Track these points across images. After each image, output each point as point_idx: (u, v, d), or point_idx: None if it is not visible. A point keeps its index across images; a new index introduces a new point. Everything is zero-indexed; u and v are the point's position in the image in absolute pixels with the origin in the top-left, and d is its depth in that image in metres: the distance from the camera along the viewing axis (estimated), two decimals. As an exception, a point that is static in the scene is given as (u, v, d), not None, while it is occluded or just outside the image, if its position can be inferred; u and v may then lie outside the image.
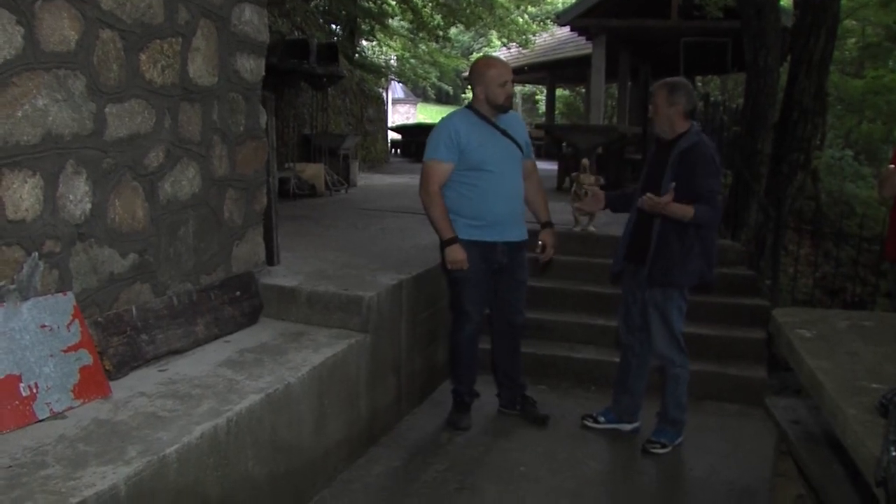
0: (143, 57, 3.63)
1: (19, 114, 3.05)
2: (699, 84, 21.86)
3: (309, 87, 12.76)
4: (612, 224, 6.85)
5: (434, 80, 29.74)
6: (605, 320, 6.01)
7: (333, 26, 17.61)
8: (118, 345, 3.48)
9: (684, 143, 4.23)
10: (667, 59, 16.48)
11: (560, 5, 25.70)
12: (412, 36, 21.96)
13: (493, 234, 4.48)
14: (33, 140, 3.11)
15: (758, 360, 5.74)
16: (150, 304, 3.74)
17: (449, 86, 40.06)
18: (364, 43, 21.78)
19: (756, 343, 5.79)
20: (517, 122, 4.71)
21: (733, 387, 5.47)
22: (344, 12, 16.94)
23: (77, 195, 3.34)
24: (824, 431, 2.96)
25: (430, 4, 17.84)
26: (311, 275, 4.86)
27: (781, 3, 10.95)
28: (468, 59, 28.36)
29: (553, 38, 22.29)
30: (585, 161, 8.34)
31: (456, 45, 30.18)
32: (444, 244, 4.44)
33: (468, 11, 16.05)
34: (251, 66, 4.40)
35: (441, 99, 48.34)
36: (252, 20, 4.37)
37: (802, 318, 3.11)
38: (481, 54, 28.10)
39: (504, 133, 4.49)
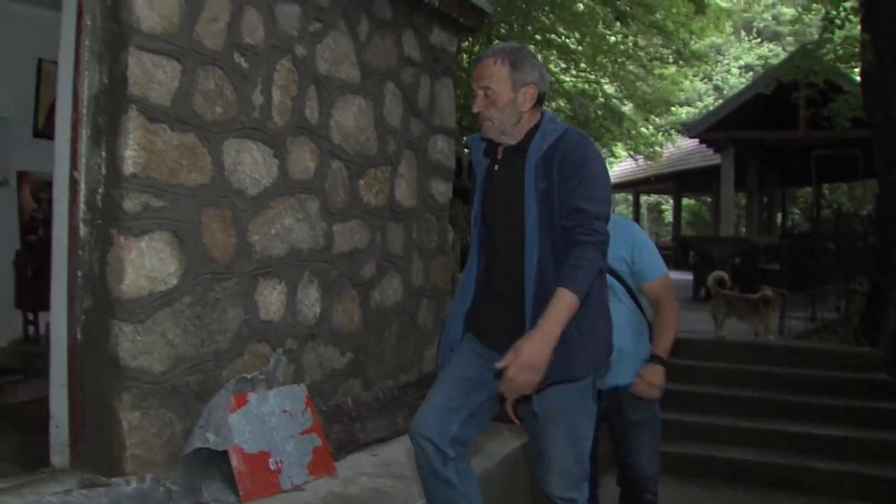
0: (361, 183, 4.27)
1: (272, 231, 3.68)
2: (825, 191, 21.80)
3: (460, 201, 13.48)
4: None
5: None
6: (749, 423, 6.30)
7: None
8: (338, 431, 4.00)
9: (545, 142, 2.78)
10: (794, 167, 16.67)
11: (683, 115, 26.17)
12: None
13: None
14: (281, 254, 3.74)
15: None
16: (361, 396, 4.28)
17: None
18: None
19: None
20: (616, 230, 3.10)
21: (869, 486, 5.62)
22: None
23: (310, 301, 3.94)
24: None
25: (560, 119, 18.53)
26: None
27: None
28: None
29: (678, 149, 22.71)
30: (723, 274, 8.67)
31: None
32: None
33: (597, 125, 16.62)
34: (442, 190, 5.04)
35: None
36: (443, 149, 5.03)
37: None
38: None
39: None
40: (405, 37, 4.71)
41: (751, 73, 29.11)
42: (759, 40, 30.91)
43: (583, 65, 15.45)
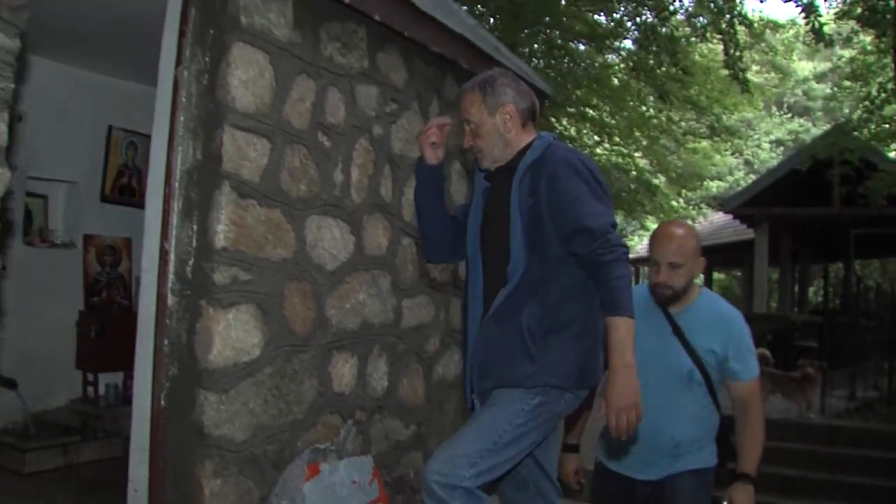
0: (429, 259, 4.39)
1: (347, 306, 3.79)
2: (857, 267, 21.75)
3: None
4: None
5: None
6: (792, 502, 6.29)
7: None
8: (401, 502, 4.05)
9: (530, 156, 2.74)
10: (829, 243, 16.66)
11: (714, 189, 26.26)
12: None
13: (625, 465, 3.20)
14: (354, 327, 3.84)
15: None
16: (422, 469, 4.31)
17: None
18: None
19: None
20: (715, 321, 3.09)
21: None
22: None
23: (379, 374, 4.03)
24: None
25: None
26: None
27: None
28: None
29: (710, 223, 22.74)
30: (766, 352, 8.69)
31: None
32: None
33: (631, 199, 16.75)
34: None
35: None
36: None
37: None
38: (634, 237, 28.80)
39: (676, 332, 3.08)
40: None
41: (781, 148, 29.31)
42: (789, 115, 31.14)
43: (616, 138, 15.65)
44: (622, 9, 11.07)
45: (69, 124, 5.71)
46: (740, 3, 10.59)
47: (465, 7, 7.04)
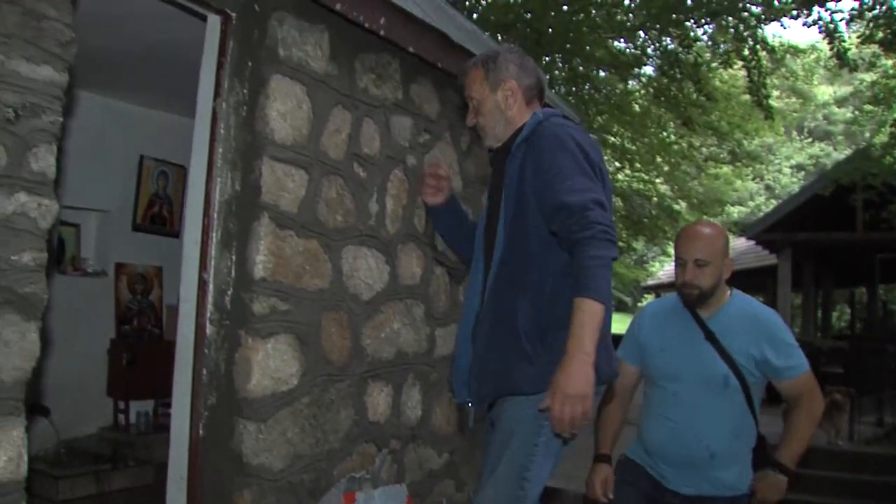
0: (461, 288, 4.40)
1: (382, 335, 3.81)
2: (882, 291, 21.57)
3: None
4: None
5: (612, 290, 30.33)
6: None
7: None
8: (435, 532, 4.05)
9: (522, 135, 2.64)
10: (853, 268, 16.55)
11: (735, 214, 26.19)
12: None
13: (660, 470, 3.13)
14: (389, 357, 3.86)
15: None
16: (454, 497, 4.33)
17: (628, 297, 40.51)
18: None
19: None
20: (750, 323, 2.99)
21: None
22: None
23: (413, 403, 4.04)
24: None
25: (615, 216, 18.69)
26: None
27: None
28: (644, 268, 28.95)
29: (732, 249, 22.57)
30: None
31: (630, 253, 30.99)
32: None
33: (653, 225, 16.75)
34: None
35: (618, 308, 48.69)
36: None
37: None
38: (656, 263, 28.74)
39: (709, 337, 2.99)
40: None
41: (802, 173, 29.27)
42: (810, 140, 31.11)
43: (637, 164, 15.67)
44: (643, 35, 11.10)
45: (101, 153, 5.81)
46: (761, 28, 10.63)
47: (487, 33, 7.09)
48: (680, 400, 3.00)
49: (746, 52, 10.74)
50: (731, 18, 10.25)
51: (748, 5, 9.92)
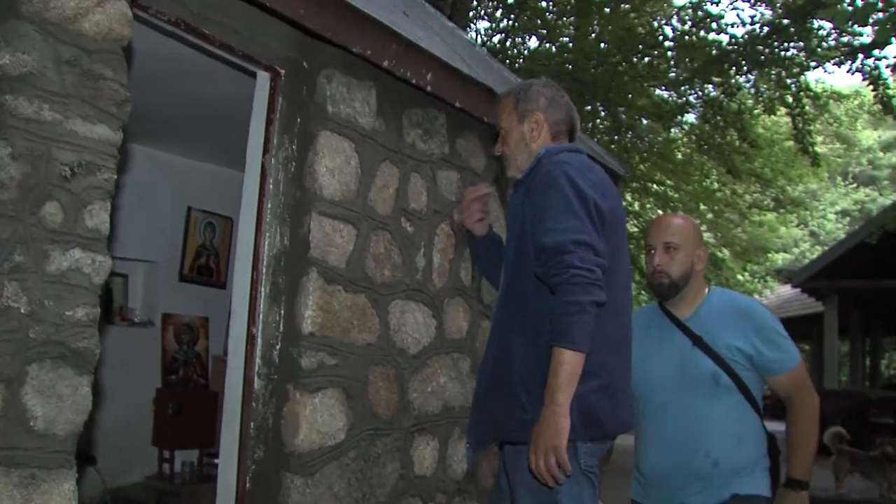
0: (506, 340, 4.39)
1: (429, 389, 3.80)
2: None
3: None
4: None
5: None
6: None
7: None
8: (481, 590, 3.99)
9: (527, 171, 2.67)
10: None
11: (779, 261, 25.88)
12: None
13: (664, 500, 2.87)
14: (436, 410, 3.84)
15: None
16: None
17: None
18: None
19: None
20: (732, 315, 2.82)
21: None
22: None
23: (459, 456, 4.00)
24: None
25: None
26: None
27: None
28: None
29: (777, 297, 22.35)
30: (842, 430, 8.45)
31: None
32: None
33: (698, 273, 16.62)
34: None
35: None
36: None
37: None
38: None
39: (688, 333, 2.82)
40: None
41: (847, 219, 28.89)
42: (854, 185, 30.77)
43: (680, 212, 15.61)
44: (685, 84, 11.13)
45: (149, 205, 5.90)
46: (804, 75, 10.60)
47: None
48: (670, 410, 2.81)
49: (790, 98, 10.71)
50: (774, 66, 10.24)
51: (792, 53, 9.90)
